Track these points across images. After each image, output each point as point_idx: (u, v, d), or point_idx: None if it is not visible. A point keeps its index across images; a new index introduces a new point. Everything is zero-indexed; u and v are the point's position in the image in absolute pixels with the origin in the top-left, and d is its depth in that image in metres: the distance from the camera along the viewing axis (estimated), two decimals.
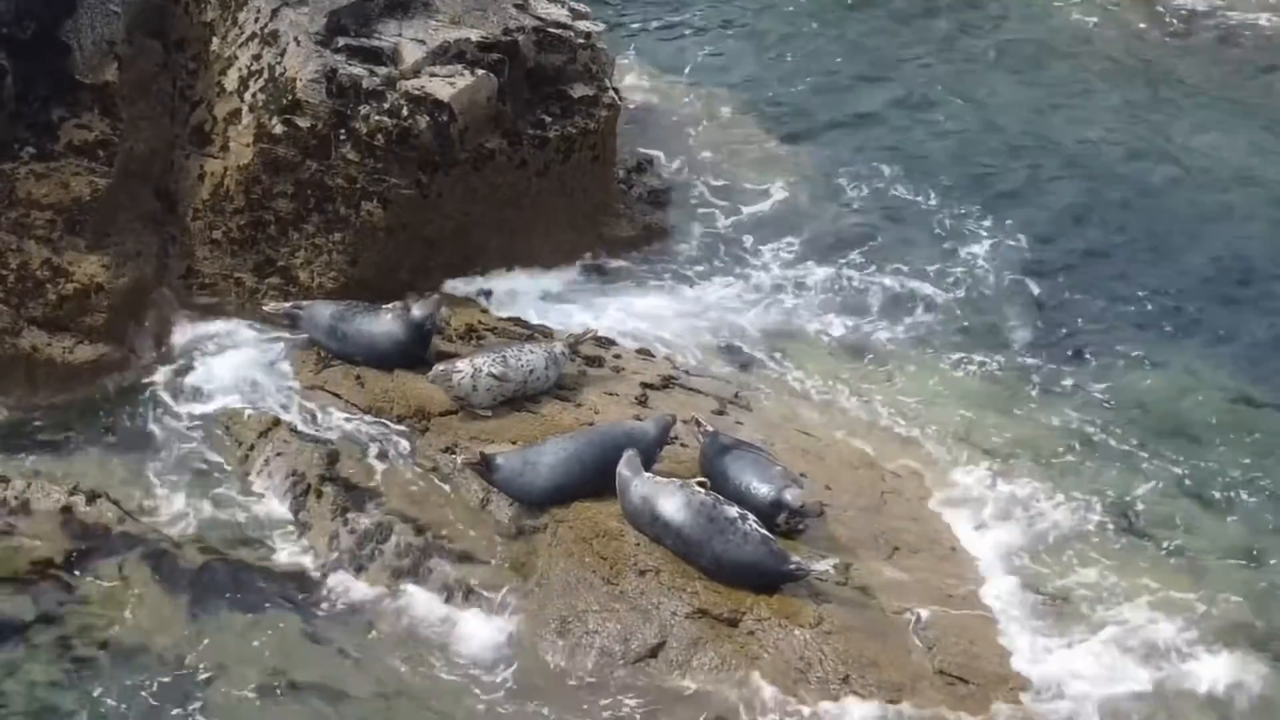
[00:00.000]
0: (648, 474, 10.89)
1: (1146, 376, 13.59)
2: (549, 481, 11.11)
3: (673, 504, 10.64)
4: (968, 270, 14.73)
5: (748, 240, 15.08)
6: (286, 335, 12.72)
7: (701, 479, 10.93)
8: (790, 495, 10.88)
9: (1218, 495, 12.22)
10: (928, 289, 14.48)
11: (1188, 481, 12.35)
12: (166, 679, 10.27)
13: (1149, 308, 14.42)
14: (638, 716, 10.14)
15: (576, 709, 10.21)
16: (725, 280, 14.46)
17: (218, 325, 12.97)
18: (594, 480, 11.06)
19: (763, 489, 10.93)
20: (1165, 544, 11.65)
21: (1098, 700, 10.31)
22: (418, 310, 12.30)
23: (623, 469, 10.85)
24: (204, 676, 10.31)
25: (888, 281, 14.55)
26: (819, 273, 14.64)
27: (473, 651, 10.64)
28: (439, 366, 11.82)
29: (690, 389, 12.73)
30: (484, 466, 11.18)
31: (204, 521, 11.42)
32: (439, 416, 11.95)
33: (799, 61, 18.34)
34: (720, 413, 12.36)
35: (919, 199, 15.81)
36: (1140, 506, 12.02)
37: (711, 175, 15.86)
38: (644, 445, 11.12)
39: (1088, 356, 13.80)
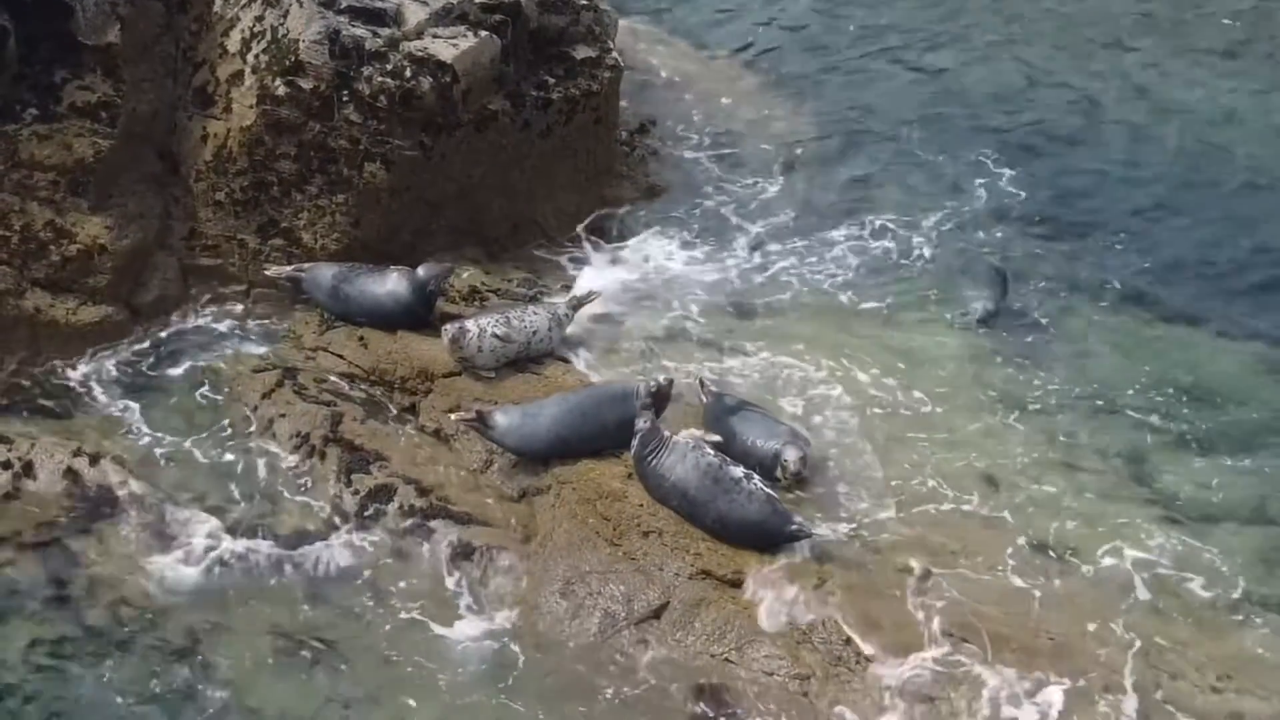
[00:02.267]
0: (666, 432, 10.86)
1: (1159, 334, 13.54)
2: (551, 433, 11.13)
3: (683, 465, 10.64)
4: (976, 229, 14.71)
5: (750, 202, 15.01)
6: (290, 298, 12.80)
7: (713, 439, 10.94)
8: (791, 451, 10.93)
9: (1229, 455, 12.08)
10: (932, 249, 14.41)
11: (1198, 441, 12.19)
12: (171, 641, 10.30)
13: (1161, 267, 14.37)
14: (641, 678, 10.15)
15: (580, 671, 10.21)
16: (726, 240, 14.43)
17: (221, 286, 13.02)
18: (594, 435, 11.09)
19: (769, 444, 10.95)
20: (1177, 500, 11.59)
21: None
22: (422, 271, 12.31)
23: (638, 421, 10.87)
24: (209, 639, 10.35)
25: (891, 243, 14.49)
26: (821, 234, 14.59)
27: (476, 612, 10.67)
28: (452, 325, 11.83)
29: (692, 343, 12.77)
30: (480, 423, 11.19)
31: (207, 483, 11.42)
32: (442, 378, 11.94)
33: (808, 26, 18.33)
34: (721, 368, 12.36)
35: (928, 161, 15.72)
36: (1151, 465, 11.96)
37: (713, 137, 15.83)
38: (636, 405, 11.11)
39: (1094, 316, 13.71)
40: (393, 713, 10.00)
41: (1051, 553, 10.85)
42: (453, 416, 11.39)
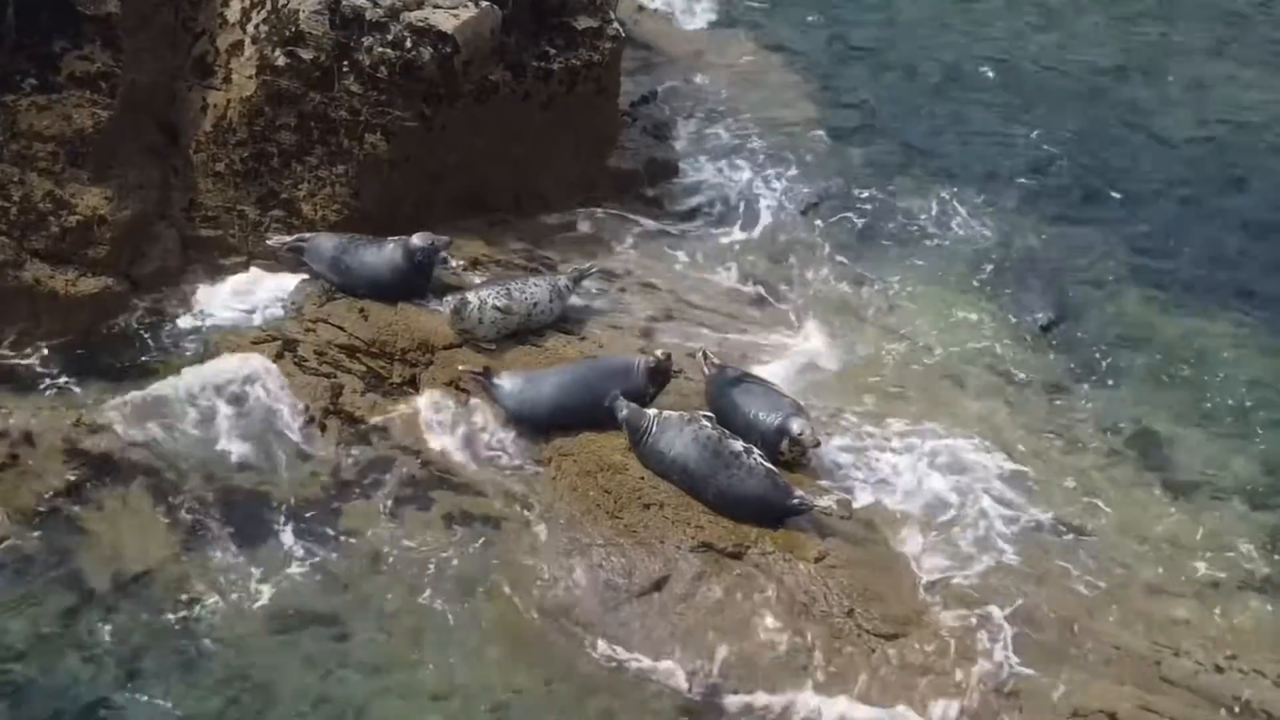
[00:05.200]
0: (651, 410, 10.90)
1: (1164, 314, 13.68)
2: (552, 400, 11.17)
3: (682, 439, 10.65)
4: (985, 208, 14.79)
5: (754, 175, 14.98)
6: (290, 268, 12.72)
7: (708, 414, 10.95)
8: (795, 423, 10.87)
9: (1232, 428, 12.31)
10: (938, 226, 14.47)
11: (1201, 416, 12.36)
12: (171, 610, 10.28)
13: (1168, 245, 14.59)
14: (638, 649, 10.14)
15: (573, 642, 10.21)
16: (729, 214, 14.41)
17: (221, 258, 13.00)
18: (595, 406, 11.06)
19: (771, 418, 10.92)
20: (1180, 475, 11.72)
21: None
22: (419, 240, 12.26)
23: (620, 409, 10.89)
24: (208, 608, 10.32)
25: (899, 221, 14.56)
26: (828, 210, 14.63)
27: (474, 584, 10.61)
28: (453, 296, 11.83)
29: (693, 321, 12.75)
30: (485, 379, 11.27)
31: (209, 452, 11.37)
32: (443, 350, 11.94)
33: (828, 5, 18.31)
34: (722, 344, 12.39)
35: (935, 138, 15.94)
36: (1154, 438, 12.09)
37: (716, 109, 15.82)
38: (636, 379, 11.14)
39: (1104, 294, 13.87)
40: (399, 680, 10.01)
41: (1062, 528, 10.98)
42: (460, 367, 11.49)
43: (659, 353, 11.34)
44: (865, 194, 14.85)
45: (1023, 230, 14.46)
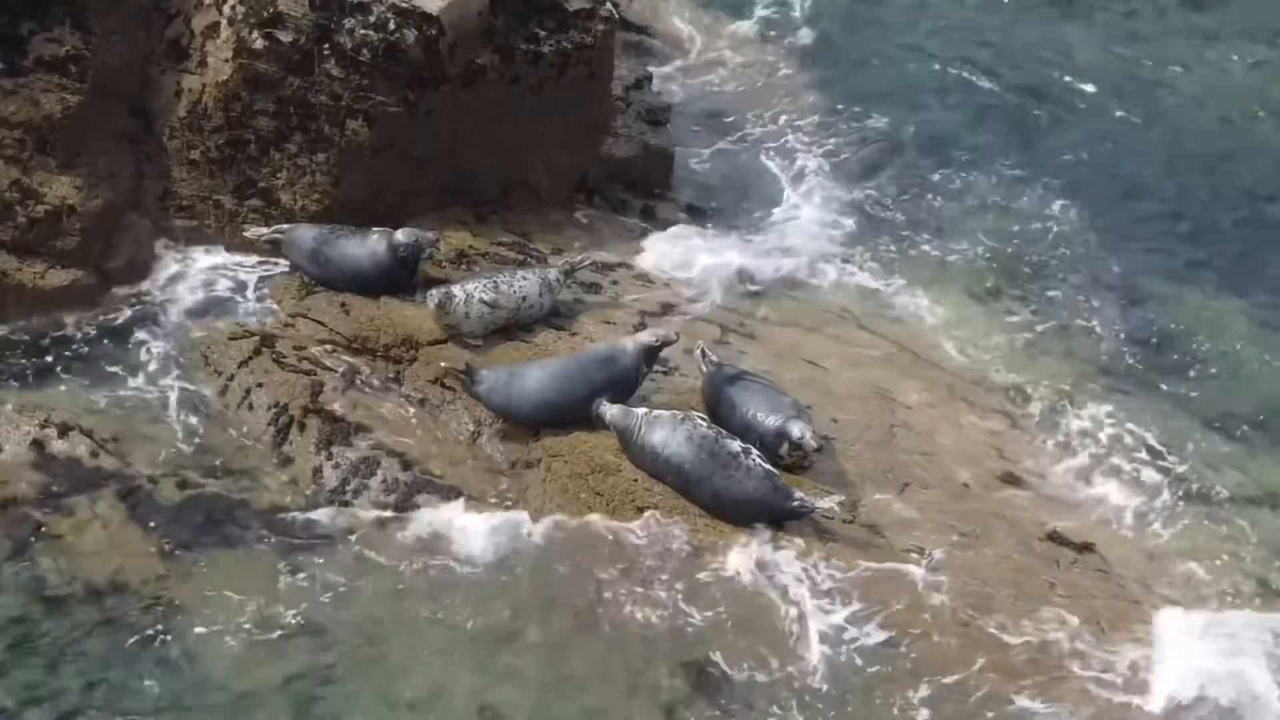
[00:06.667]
0: (641, 410, 10.78)
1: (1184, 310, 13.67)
2: (537, 395, 11.05)
3: (675, 438, 10.52)
4: (993, 199, 14.80)
5: (756, 163, 14.96)
6: (268, 261, 12.67)
7: (702, 415, 10.84)
8: (796, 427, 10.71)
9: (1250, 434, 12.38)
10: (946, 217, 14.46)
11: (1220, 420, 12.41)
12: (144, 620, 10.13)
13: (1180, 240, 14.63)
14: (634, 651, 9.97)
15: (566, 654, 10.05)
16: (729, 203, 14.40)
17: (196, 249, 12.88)
18: (584, 398, 10.97)
19: (771, 419, 10.78)
20: (1197, 484, 11.69)
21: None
22: (404, 235, 12.18)
23: (607, 413, 10.77)
24: (183, 616, 10.15)
25: (906, 211, 14.54)
26: (833, 199, 14.53)
27: (461, 591, 10.41)
28: (438, 290, 11.74)
29: (691, 316, 12.63)
30: (467, 375, 11.17)
31: (182, 454, 11.25)
32: (428, 346, 11.82)
33: None
34: (723, 341, 12.26)
35: (939, 126, 15.91)
36: (1170, 443, 12.03)
37: (715, 94, 15.83)
38: (625, 363, 11.06)
39: (1122, 291, 13.85)
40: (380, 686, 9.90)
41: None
42: (441, 364, 11.44)
43: (647, 335, 11.25)
44: (873, 183, 14.86)
45: (1037, 223, 14.54)
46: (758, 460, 10.42)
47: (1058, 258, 14.20)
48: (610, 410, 10.80)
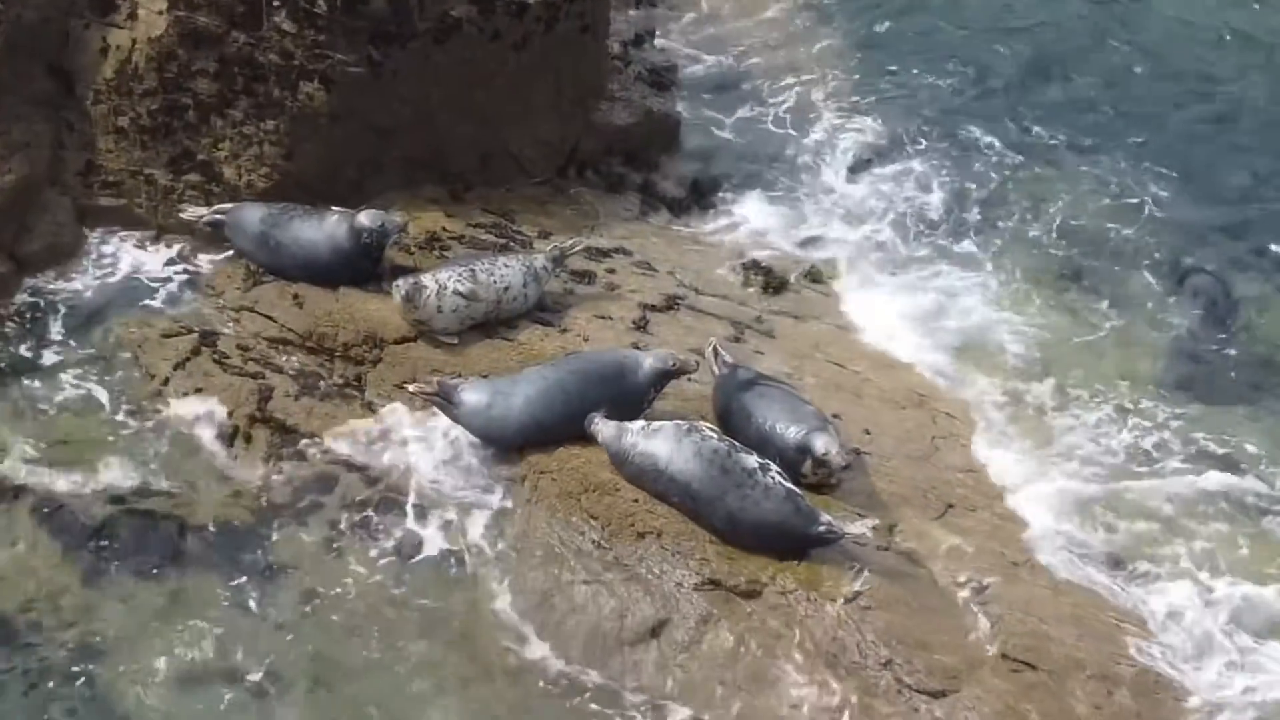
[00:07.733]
0: (637, 423, 10.31)
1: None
2: (526, 415, 10.55)
3: (681, 453, 10.00)
4: (1012, 183, 14.11)
5: (771, 131, 14.45)
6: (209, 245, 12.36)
7: (711, 426, 10.42)
8: (820, 440, 10.16)
9: None
10: (994, 201, 13.85)
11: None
12: (58, 656, 9.77)
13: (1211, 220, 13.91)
14: (631, 708, 9.62)
15: (551, 700, 9.69)
16: (740, 180, 13.85)
17: (125, 232, 12.52)
18: (579, 417, 10.49)
19: (793, 431, 10.26)
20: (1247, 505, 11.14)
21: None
22: (367, 219, 11.72)
23: (600, 432, 10.31)
24: (104, 653, 9.80)
25: (934, 194, 13.87)
26: (867, 176, 14.01)
27: (430, 627, 10.11)
28: (405, 280, 11.27)
29: (700, 311, 12.17)
30: (442, 398, 10.65)
31: (109, 469, 10.87)
32: (394, 344, 11.40)
33: None
34: (736, 339, 11.79)
35: (956, 98, 15.13)
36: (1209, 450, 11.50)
37: (724, 52, 15.26)
38: (635, 382, 10.56)
39: (1174, 283, 13.23)
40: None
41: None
42: (410, 388, 10.86)
43: (664, 353, 10.69)
44: (912, 158, 14.25)
45: (1062, 210, 13.83)
46: (777, 477, 9.85)
47: (1125, 246, 13.70)
48: (604, 430, 10.35)
